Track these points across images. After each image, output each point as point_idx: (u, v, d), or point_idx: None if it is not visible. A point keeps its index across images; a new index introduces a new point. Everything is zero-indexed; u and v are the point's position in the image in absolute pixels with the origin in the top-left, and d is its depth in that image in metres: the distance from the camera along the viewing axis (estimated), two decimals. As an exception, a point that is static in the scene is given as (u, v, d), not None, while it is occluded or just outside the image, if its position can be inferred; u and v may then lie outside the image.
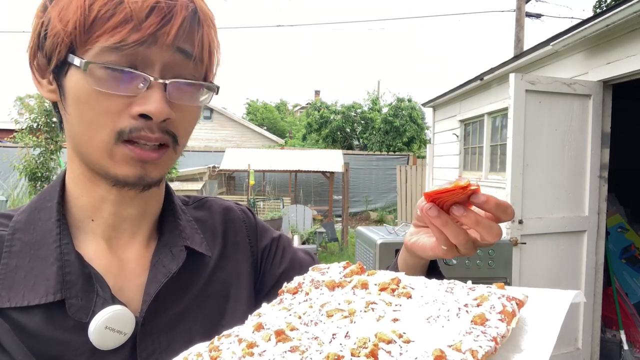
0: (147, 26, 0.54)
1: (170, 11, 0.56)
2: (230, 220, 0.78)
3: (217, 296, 0.70)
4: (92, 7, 0.54)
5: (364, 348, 0.41)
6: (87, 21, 0.54)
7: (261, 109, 27.94)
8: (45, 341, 0.55)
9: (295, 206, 9.19)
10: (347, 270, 0.58)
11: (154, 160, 0.59)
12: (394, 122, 16.24)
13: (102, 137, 0.57)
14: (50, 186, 0.64)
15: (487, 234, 0.58)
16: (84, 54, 0.55)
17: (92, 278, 0.59)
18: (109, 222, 0.64)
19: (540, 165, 3.43)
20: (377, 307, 0.48)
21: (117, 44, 0.54)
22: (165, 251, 0.66)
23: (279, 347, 0.44)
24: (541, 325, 0.46)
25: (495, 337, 0.41)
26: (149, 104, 0.56)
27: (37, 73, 0.61)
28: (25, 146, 8.19)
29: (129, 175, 0.59)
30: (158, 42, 0.56)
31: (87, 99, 0.56)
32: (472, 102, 6.50)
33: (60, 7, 0.56)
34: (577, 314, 3.62)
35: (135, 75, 0.55)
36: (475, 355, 0.39)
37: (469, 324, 0.43)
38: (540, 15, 11.10)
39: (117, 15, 0.54)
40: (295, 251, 0.84)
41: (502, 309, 0.44)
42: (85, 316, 0.56)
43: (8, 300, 0.55)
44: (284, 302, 0.55)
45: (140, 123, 0.57)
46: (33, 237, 0.59)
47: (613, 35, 3.44)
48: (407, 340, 0.42)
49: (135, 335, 0.59)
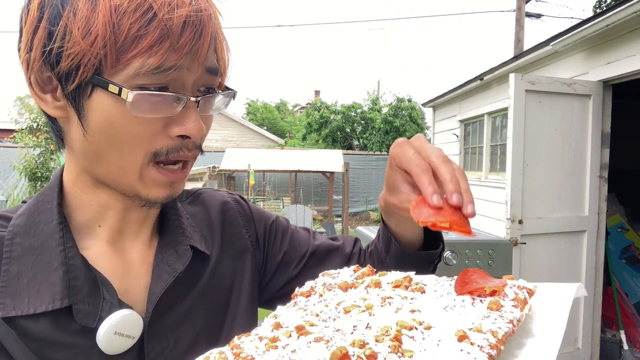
0: (183, 44, 0.52)
1: (200, 23, 0.53)
2: (226, 212, 0.78)
3: (219, 290, 0.70)
4: (121, 22, 0.49)
5: (387, 335, 0.42)
6: (117, 39, 0.49)
7: (261, 109, 27.93)
8: (52, 346, 0.55)
9: (295, 206, 9.19)
10: (359, 272, 0.59)
11: (182, 179, 0.60)
12: (394, 122, 16.25)
13: (134, 159, 0.55)
14: (48, 187, 0.62)
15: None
16: (113, 75, 0.51)
17: (97, 282, 0.58)
18: (116, 227, 0.64)
19: (540, 165, 3.43)
20: (394, 301, 0.50)
21: (156, 68, 0.51)
22: (169, 250, 0.65)
23: (302, 339, 0.44)
24: (550, 313, 0.48)
25: (512, 320, 0.44)
26: (187, 124, 0.56)
27: (36, 88, 0.55)
28: (25, 146, 8.19)
29: (160, 197, 0.59)
30: (193, 63, 0.54)
31: (120, 123, 0.53)
32: (472, 102, 6.50)
33: (81, 21, 0.50)
34: (577, 314, 3.62)
35: (171, 96, 0.54)
36: (496, 335, 0.41)
37: (485, 310, 0.45)
38: (540, 15, 11.10)
39: (151, 32, 0.50)
40: (294, 231, 0.84)
41: (515, 297, 0.47)
42: (92, 321, 0.55)
43: (13, 309, 0.53)
44: (299, 304, 0.55)
45: (178, 143, 0.57)
46: (34, 241, 0.57)
47: (613, 35, 3.45)
48: (428, 326, 0.44)
49: (143, 336, 0.59)
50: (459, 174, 0.56)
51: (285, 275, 0.80)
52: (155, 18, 0.50)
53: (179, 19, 0.51)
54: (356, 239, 0.87)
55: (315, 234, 0.86)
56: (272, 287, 0.80)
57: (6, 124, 13.66)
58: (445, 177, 0.54)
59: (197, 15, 0.53)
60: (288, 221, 0.86)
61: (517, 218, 3.33)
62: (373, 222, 12.57)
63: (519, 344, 0.44)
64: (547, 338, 0.45)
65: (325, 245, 0.83)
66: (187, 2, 0.52)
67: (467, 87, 6.32)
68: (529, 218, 3.39)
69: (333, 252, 0.83)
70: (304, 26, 61.09)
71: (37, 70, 0.54)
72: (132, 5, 0.49)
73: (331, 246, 0.83)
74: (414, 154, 0.58)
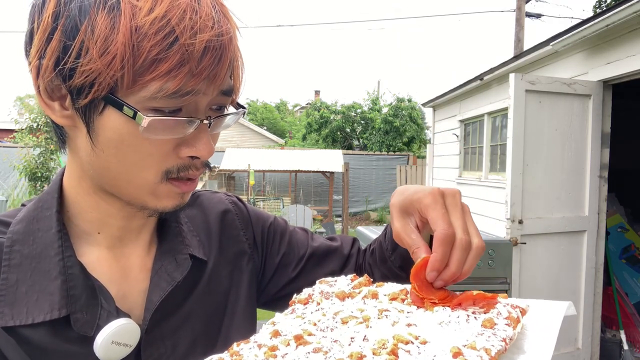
0: (202, 70, 0.50)
1: (220, 47, 0.52)
2: (224, 216, 0.77)
3: (216, 294, 0.70)
4: (141, 44, 0.48)
5: (384, 348, 0.43)
6: (136, 61, 0.48)
7: (261, 109, 27.94)
8: (52, 355, 0.55)
9: (295, 206, 9.19)
10: (356, 282, 0.60)
11: (192, 190, 0.60)
12: (394, 122, 16.25)
13: (146, 177, 0.55)
14: (47, 193, 0.61)
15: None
16: (127, 95, 0.50)
17: (96, 290, 0.57)
18: (116, 234, 0.63)
19: (540, 165, 3.43)
20: (391, 314, 0.51)
21: (174, 93, 0.50)
22: (168, 258, 0.65)
23: (301, 349, 0.45)
24: (541, 331, 0.50)
25: (504, 338, 0.45)
26: (198, 145, 0.55)
27: (44, 95, 0.54)
28: (25, 146, 8.19)
29: (168, 207, 0.59)
30: (210, 87, 0.53)
31: (131, 142, 0.52)
32: (472, 102, 6.50)
33: (99, 39, 0.48)
34: (577, 314, 3.61)
35: (185, 119, 0.53)
36: (489, 352, 0.43)
37: (479, 327, 0.47)
38: (540, 15, 11.10)
39: (171, 56, 0.48)
40: (292, 232, 0.84)
41: (508, 315, 0.49)
42: (90, 330, 0.55)
43: (12, 318, 0.53)
44: (296, 311, 0.55)
45: (187, 162, 0.57)
46: (33, 249, 0.57)
47: (613, 35, 3.44)
48: (424, 341, 0.45)
49: (140, 344, 0.59)
50: (470, 260, 0.55)
51: (284, 277, 0.80)
52: (177, 42, 0.48)
53: (200, 44, 0.49)
54: (354, 239, 0.87)
55: (313, 235, 0.86)
56: (272, 288, 0.80)
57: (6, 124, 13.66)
58: (451, 265, 0.54)
59: (218, 39, 0.51)
60: (286, 222, 0.86)
61: (517, 218, 3.33)
62: (373, 222, 12.57)
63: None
64: (537, 355, 0.46)
65: (323, 246, 0.83)
66: (209, 25, 0.50)
67: (467, 87, 6.32)
68: (529, 218, 3.38)
69: (331, 253, 0.83)
70: (304, 26, 61.11)
71: (48, 78, 0.52)
72: (153, 27, 0.48)
73: (329, 247, 0.83)
74: (445, 214, 0.57)
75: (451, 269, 0.54)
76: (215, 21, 0.51)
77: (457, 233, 0.55)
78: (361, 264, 0.83)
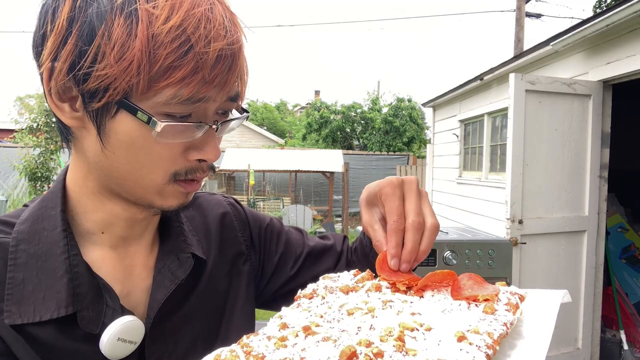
0: (214, 77, 0.52)
1: (231, 56, 0.53)
2: (223, 217, 0.79)
3: (216, 294, 0.72)
4: (157, 51, 0.49)
5: (390, 335, 0.45)
6: (152, 68, 0.49)
7: (261, 109, 27.96)
8: (58, 352, 0.55)
9: (295, 206, 9.20)
10: (359, 277, 0.62)
11: (197, 190, 0.62)
12: (394, 122, 16.26)
13: (154, 178, 0.57)
14: (51, 192, 0.62)
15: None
16: (141, 100, 0.51)
17: (101, 289, 0.59)
18: (120, 234, 0.64)
19: (540, 165, 3.43)
20: (395, 305, 0.53)
21: (187, 99, 0.52)
22: (171, 257, 0.66)
23: (310, 338, 0.46)
24: (539, 317, 0.52)
25: (505, 322, 0.48)
26: (206, 149, 0.57)
27: (54, 96, 0.54)
28: (25, 146, 8.19)
29: (173, 206, 0.60)
30: (219, 94, 0.55)
31: (142, 145, 0.54)
32: (472, 102, 6.50)
33: (116, 45, 0.49)
34: (577, 314, 3.62)
35: (195, 124, 0.55)
36: (492, 336, 0.45)
37: (481, 313, 0.49)
38: (540, 15, 11.10)
39: (186, 64, 0.50)
40: (288, 232, 0.87)
41: (507, 301, 0.51)
42: (95, 328, 0.56)
43: (19, 317, 0.54)
44: (302, 305, 0.57)
45: (194, 165, 0.58)
46: (38, 248, 0.57)
47: (613, 35, 3.45)
48: (429, 328, 0.47)
49: (144, 341, 0.60)
50: (425, 238, 0.61)
51: (283, 276, 0.82)
52: (191, 50, 0.50)
53: (213, 52, 0.51)
54: (344, 236, 0.90)
55: (306, 234, 0.89)
56: (271, 288, 0.82)
57: (6, 124, 13.66)
58: (407, 245, 0.61)
59: (229, 48, 0.53)
60: (282, 222, 0.89)
61: (517, 218, 3.33)
62: (373, 222, 12.55)
63: (511, 345, 0.48)
64: (536, 339, 0.48)
65: (319, 245, 0.86)
66: (222, 34, 0.52)
67: (467, 87, 6.32)
68: (529, 218, 3.39)
69: (327, 251, 0.86)
70: (304, 26, 61.11)
71: (61, 81, 0.52)
72: (169, 35, 0.49)
73: (325, 246, 0.87)
74: (398, 206, 0.63)
75: (407, 248, 0.60)
76: (227, 30, 0.53)
77: (410, 216, 0.62)
78: (350, 260, 0.86)
